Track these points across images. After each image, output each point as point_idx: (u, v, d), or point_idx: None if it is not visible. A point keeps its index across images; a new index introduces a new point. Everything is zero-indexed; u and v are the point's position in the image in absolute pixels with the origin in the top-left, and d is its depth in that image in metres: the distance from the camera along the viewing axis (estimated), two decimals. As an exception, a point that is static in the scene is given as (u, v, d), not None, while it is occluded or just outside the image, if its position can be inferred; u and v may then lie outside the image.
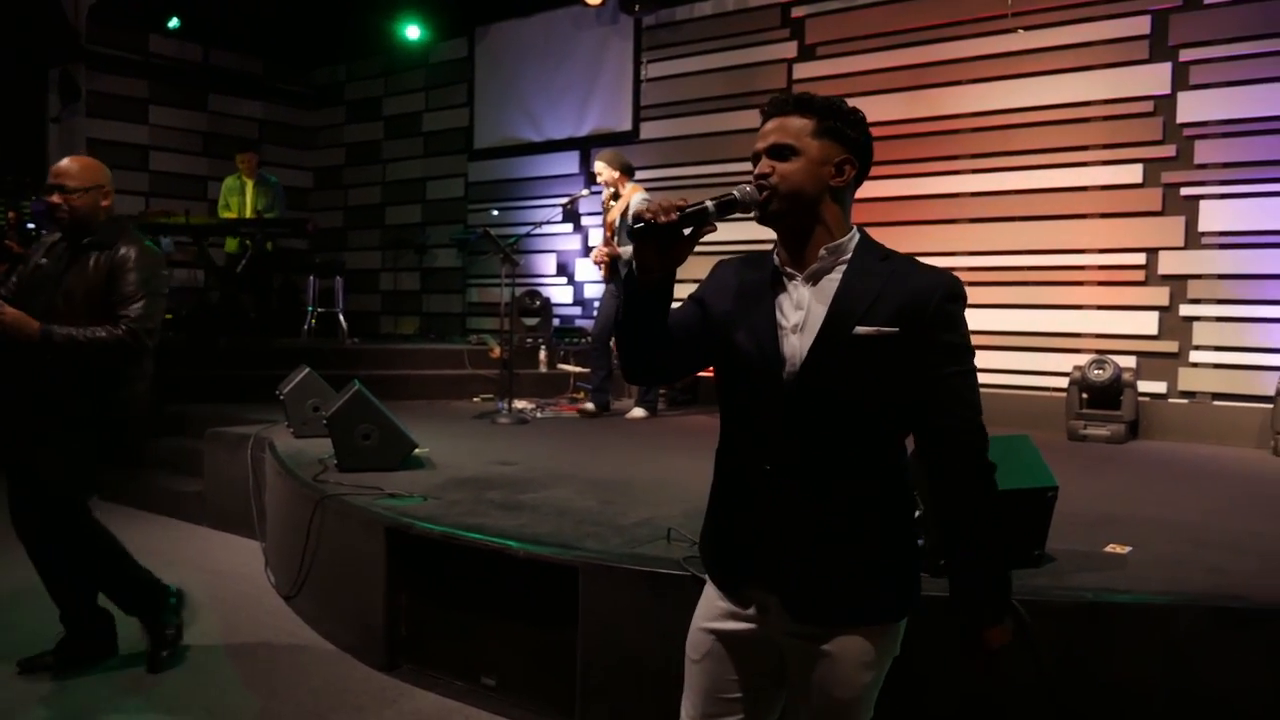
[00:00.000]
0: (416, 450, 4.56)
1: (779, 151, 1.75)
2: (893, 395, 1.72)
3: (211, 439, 5.70)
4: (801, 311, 1.74)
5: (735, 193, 1.73)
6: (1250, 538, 3.42)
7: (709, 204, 1.69)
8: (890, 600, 1.76)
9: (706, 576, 1.92)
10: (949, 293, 1.71)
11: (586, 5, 8.97)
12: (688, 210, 1.67)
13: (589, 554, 3.02)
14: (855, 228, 1.81)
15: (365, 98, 11.46)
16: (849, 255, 1.77)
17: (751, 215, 1.78)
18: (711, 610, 1.87)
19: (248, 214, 8.68)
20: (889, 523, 1.77)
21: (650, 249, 1.68)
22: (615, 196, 6.76)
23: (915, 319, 1.68)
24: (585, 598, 2.95)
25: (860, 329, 1.68)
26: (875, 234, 1.81)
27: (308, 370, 5.41)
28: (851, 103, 1.81)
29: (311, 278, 9.00)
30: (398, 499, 3.74)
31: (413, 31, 10.27)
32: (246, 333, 8.16)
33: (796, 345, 1.72)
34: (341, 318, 8.87)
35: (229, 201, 8.82)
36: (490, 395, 7.79)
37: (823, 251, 1.75)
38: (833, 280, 1.75)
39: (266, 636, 3.87)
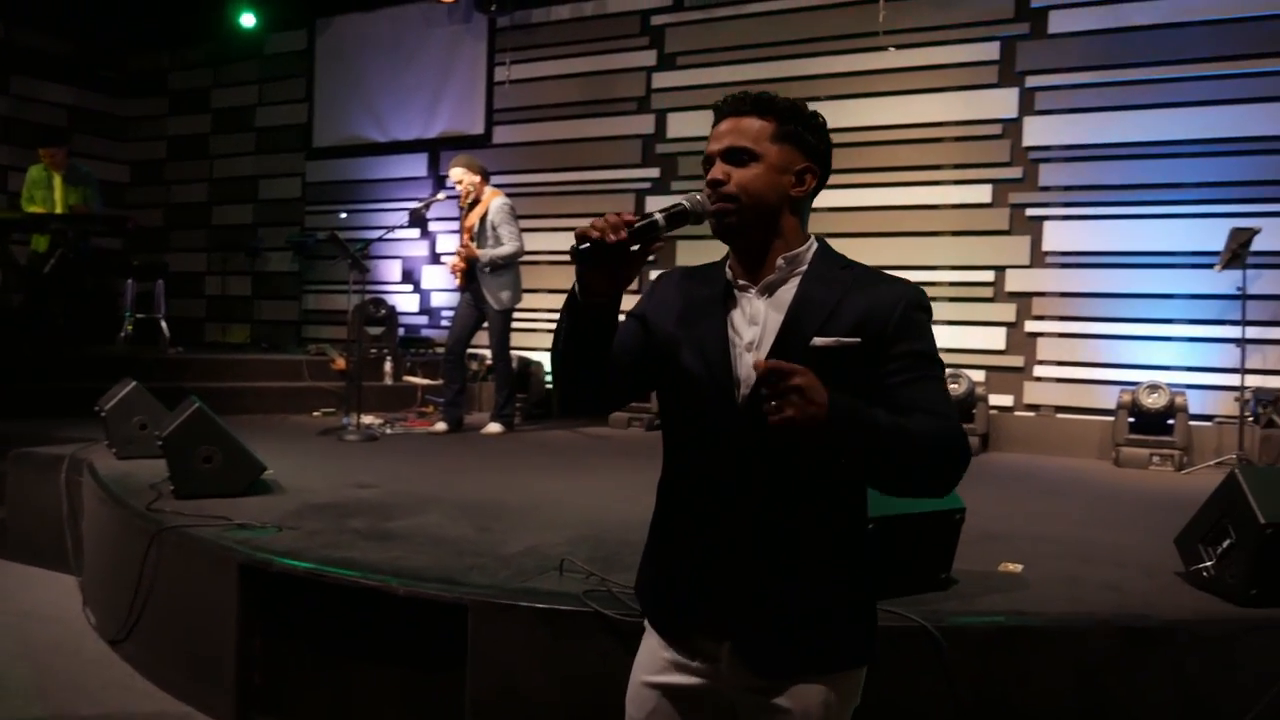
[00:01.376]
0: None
1: (735, 155, 1.58)
2: None
3: (16, 460, 5.04)
4: (756, 327, 1.58)
5: (685, 202, 1.56)
6: (1129, 552, 3.48)
7: (659, 217, 1.51)
8: (854, 644, 1.61)
9: (646, 623, 1.72)
10: (914, 301, 1.58)
11: (439, 2, 8.60)
12: (637, 226, 1.48)
13: (478, 590, 2.75)
14: (813, 237, 1.65)
15: (191, 88, 10.65)
16: (806, 265, 1.61)
17: (709, 226, 1.60)
18: (654, 661, 1.67)
19: (57, 210, 7.84)
20: (851, 558, 1.61)
21: (597, 272, 1.48)
22: (474, 202, 6.48)
23: (879, 329, 1.54)
24: (475, 638, 2.67)
25: (818, 340, 1.53)
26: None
27: (133, 384, 4.86)
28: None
29: (129, 281, 8.25)
30: (250, 530, 3.35)
31: (247, 20, 9.61)
32: (55, 340, 7.36)
33: (751, 364, 1.55)
34: (163, 324, 8.17)
35: (33, 195, 7.91)
36: (332, 409, 7.33)
37: (780, 261, 1.60)
38: (789, 291, 1.60)
39: (90, 687, 3.38)
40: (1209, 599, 2.84)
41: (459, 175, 6.43)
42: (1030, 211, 6.66)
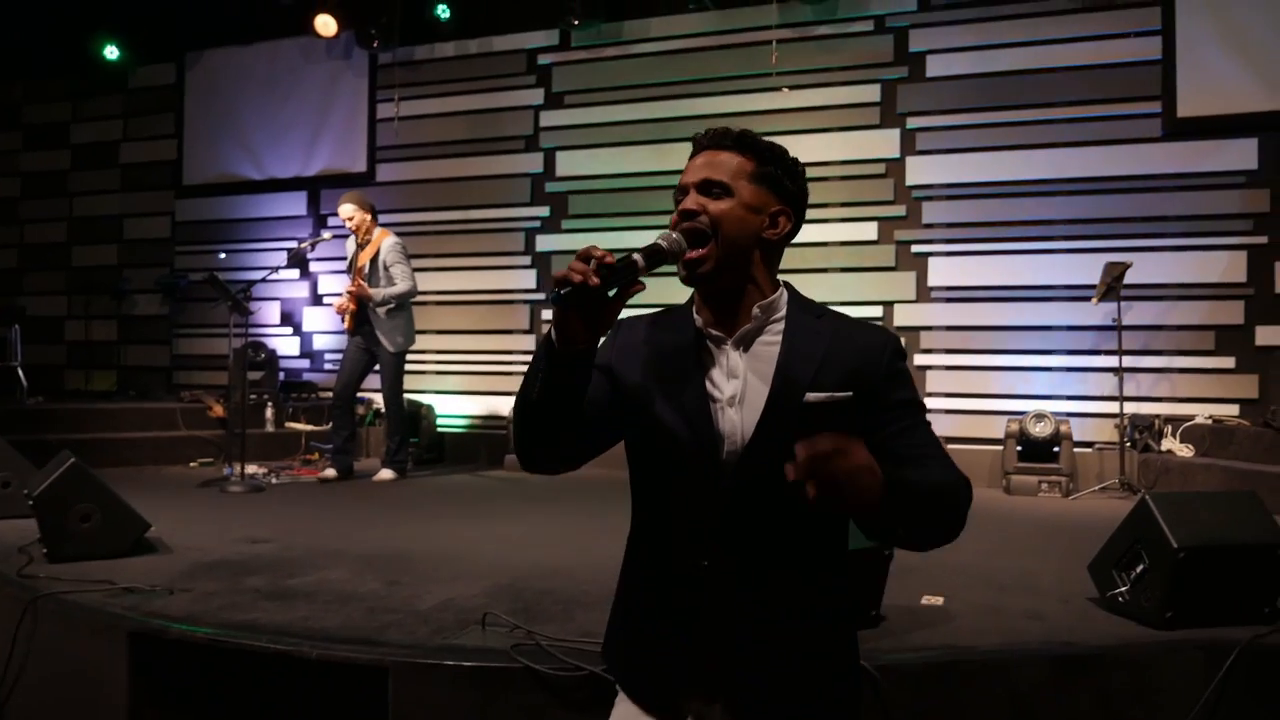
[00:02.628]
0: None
1: (709, 188, 1.54)
2: None
3: None
4: (737, 381, 1.53)
5: (661, 242, 1.51)
6: (1040, 578, 3.56)
7: (637, 258, 1.45)
8: (847, 698, 1.56)
9: (618, 687, 1.62)
10: (896, 349, 1.59)
11: (317, 37, 8.36)
12: (618, 267, 1.41)
13: (397, 649, 2.59)
14: (783, 284, 1.62)
15: (48, 122, 10.02)
16: (782, 314, 1.58)
17: (677, 272, 1.55)
18: (634, 726, 1.57)
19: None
20: (838, 611, 1.58)
21: (576, 317, 1.40)
22: (365, 241, 6.29)
23: (868, 381, 1.53)
24: (397, 702, 2.51)
25: (812, 396, 1.50)
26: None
27: (-6, 438, 4.49)
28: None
29: (-19, 327, 7.72)
30: (138, 594, 3.09)
31: (110, 52, 9.14)
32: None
33: (736, 420, 1.51)
34: (20, 372, 7.65)
35: None
36: (210, 459, 6.96)
37: (756, 311, 1.56)
38: (767, 343, 1.56)
39: (-49, 779, 3.06)
40: (1126, 623, 2.90)
41: (350, 212, 6.23)
42: (915, 248, 6.87)
